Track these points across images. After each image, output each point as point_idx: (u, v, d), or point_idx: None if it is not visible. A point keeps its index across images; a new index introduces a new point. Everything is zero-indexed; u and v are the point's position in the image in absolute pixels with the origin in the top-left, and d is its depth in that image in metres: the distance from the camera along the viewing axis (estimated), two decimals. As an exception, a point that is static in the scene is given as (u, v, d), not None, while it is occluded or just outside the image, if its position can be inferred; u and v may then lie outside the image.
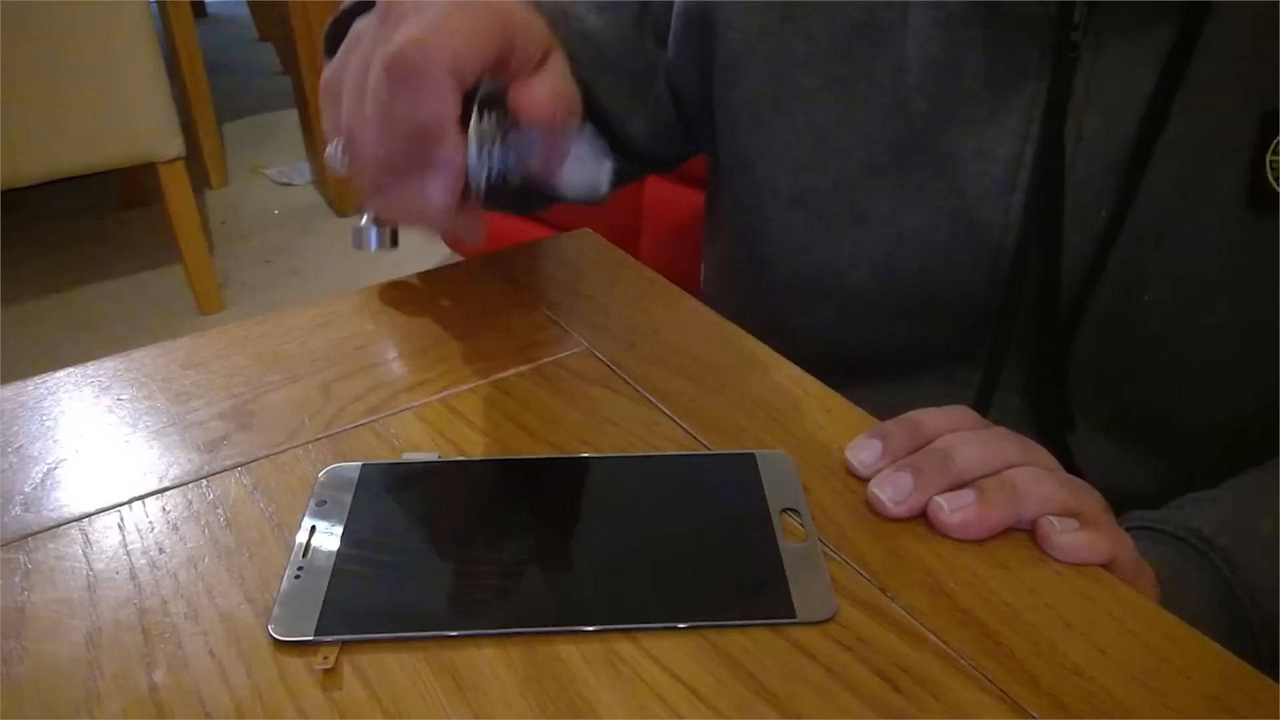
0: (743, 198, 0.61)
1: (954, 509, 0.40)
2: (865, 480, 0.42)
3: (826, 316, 0.60)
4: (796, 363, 0.50)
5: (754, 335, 0.53)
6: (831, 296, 0.59)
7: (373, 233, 0.44)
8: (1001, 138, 0.53)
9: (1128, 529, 0.44)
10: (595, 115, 0.62)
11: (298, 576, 0.37)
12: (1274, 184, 0.50)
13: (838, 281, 0.58)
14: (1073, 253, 0.53)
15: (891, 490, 0.41)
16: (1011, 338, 0.56)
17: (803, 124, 0.57)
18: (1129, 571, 0.41)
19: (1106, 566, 0.39)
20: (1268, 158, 0.50)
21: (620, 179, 0.52)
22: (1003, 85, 0.52)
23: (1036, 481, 0.40)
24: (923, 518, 0.40)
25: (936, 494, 0.40)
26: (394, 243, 0.45)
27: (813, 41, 0.56)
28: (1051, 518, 0.40)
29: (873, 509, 0.41)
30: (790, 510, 0.41)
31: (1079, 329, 0.54)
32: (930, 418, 0.44)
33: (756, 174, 0.59)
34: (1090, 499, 0.42)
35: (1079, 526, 0.39)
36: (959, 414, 0.44)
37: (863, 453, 0.43)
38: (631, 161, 0.65)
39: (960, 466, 0.41)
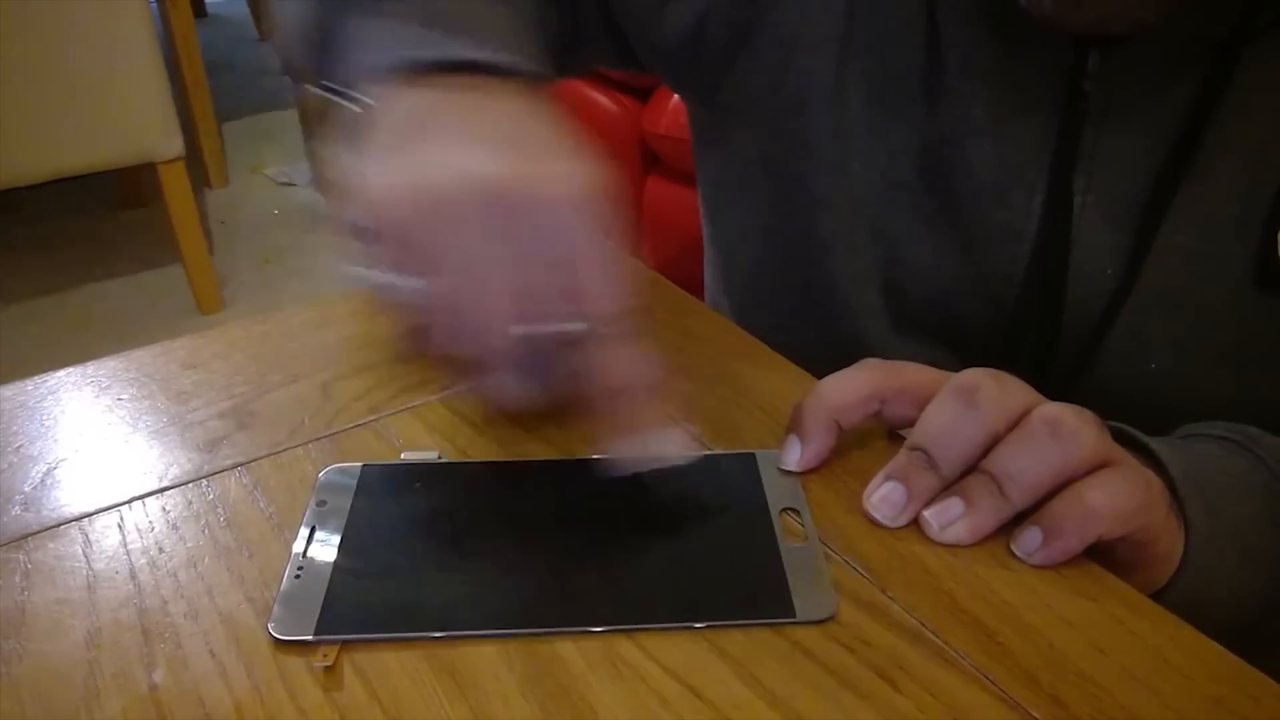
0: (776, 197, 0.59)
1: (942, 526, 0.39)
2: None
3: (840, 328, 0.58)
4: (803, 368, 0.50)
5: (759, 339, 0.52)
6: (845, 310, 0.58)
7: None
8: (1010, 180, 0.51)
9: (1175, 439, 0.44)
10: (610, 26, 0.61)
11: (298, 576, 0.37)
12: None
13: (856, 295, 0.57)
14: (1077, 310, 0.52)
15: (887, 509, 0.40)
16: None
17: (840, 116, 0.55)
18: (1135, 518, 0.39)
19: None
20: (1279, 235, 0.48)
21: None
22: (1014, 124, 0.51)
23: (1021, 472, 0.38)
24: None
25: (924, 504, 0.40)
26: None
27: (857, 29, 0.54)
28: (1021, 536, 0.39)
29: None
30: (790, 510, 0.41)
31: (1079, 391, 0.52)
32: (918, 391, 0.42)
33: (794, 168, 0.58)
34: (1074, 449, 0.38)
35: (1041, 542, 0.38)
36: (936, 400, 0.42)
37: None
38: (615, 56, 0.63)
39: (945, 470, 0.40)
